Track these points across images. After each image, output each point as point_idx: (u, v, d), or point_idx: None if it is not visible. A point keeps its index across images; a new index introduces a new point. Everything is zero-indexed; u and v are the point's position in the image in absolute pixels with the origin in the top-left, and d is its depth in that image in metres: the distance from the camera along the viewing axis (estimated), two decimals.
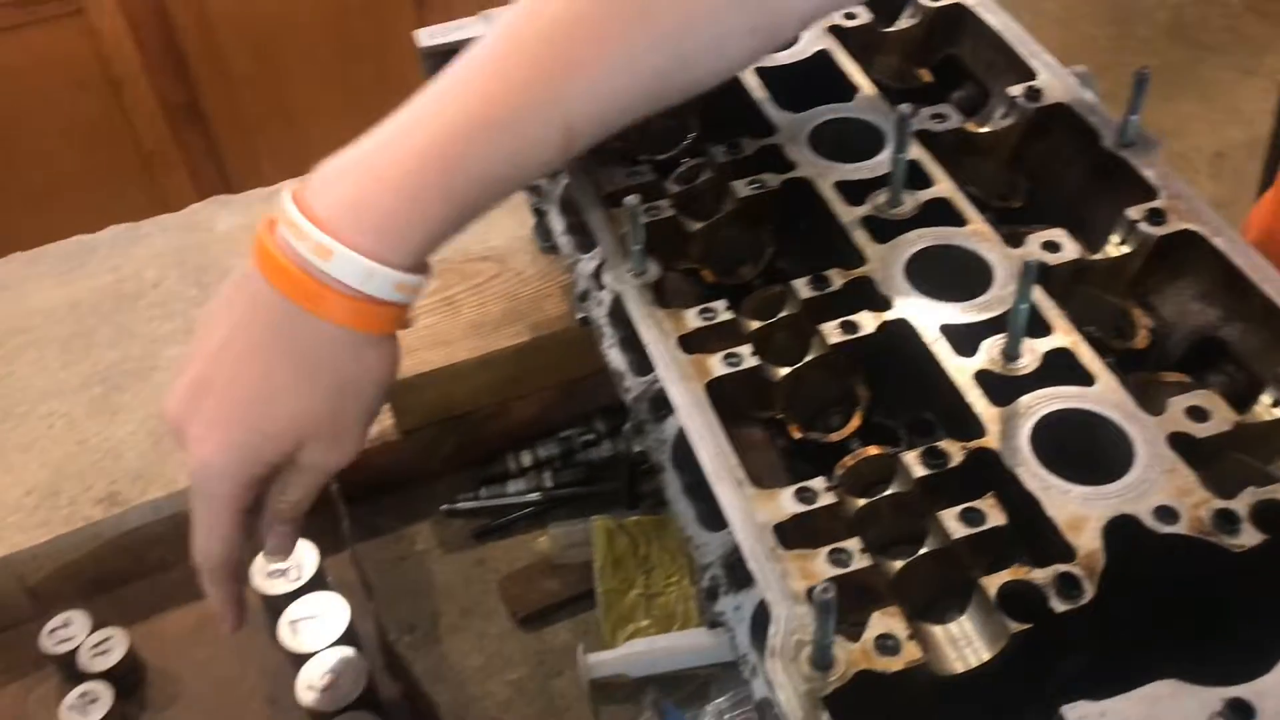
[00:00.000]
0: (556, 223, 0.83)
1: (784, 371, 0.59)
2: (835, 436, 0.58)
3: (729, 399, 0.58)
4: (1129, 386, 0.55)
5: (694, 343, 0.60)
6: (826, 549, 0.49)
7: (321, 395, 0.56)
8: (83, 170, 2.19)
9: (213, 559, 0.61)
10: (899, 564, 0.50)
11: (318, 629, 0.78)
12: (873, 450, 0.56)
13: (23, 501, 0.93)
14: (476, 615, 0.83)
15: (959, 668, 0.47)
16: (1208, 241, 0.60)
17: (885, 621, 0.47)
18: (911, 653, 0.46)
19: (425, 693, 0.70)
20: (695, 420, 0.56)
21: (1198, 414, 0.53)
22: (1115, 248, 0.62)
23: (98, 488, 0.93)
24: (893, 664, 0.46)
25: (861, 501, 0.53)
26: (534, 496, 0.87)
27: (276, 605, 0.80)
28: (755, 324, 0.62)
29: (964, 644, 0.48)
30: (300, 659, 0.77)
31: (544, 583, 0.83)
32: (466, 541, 0.87)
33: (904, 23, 0.80)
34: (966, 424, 0.54)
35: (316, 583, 0.82)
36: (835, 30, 0.78)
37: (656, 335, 0.60)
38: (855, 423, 0.59)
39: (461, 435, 0.89)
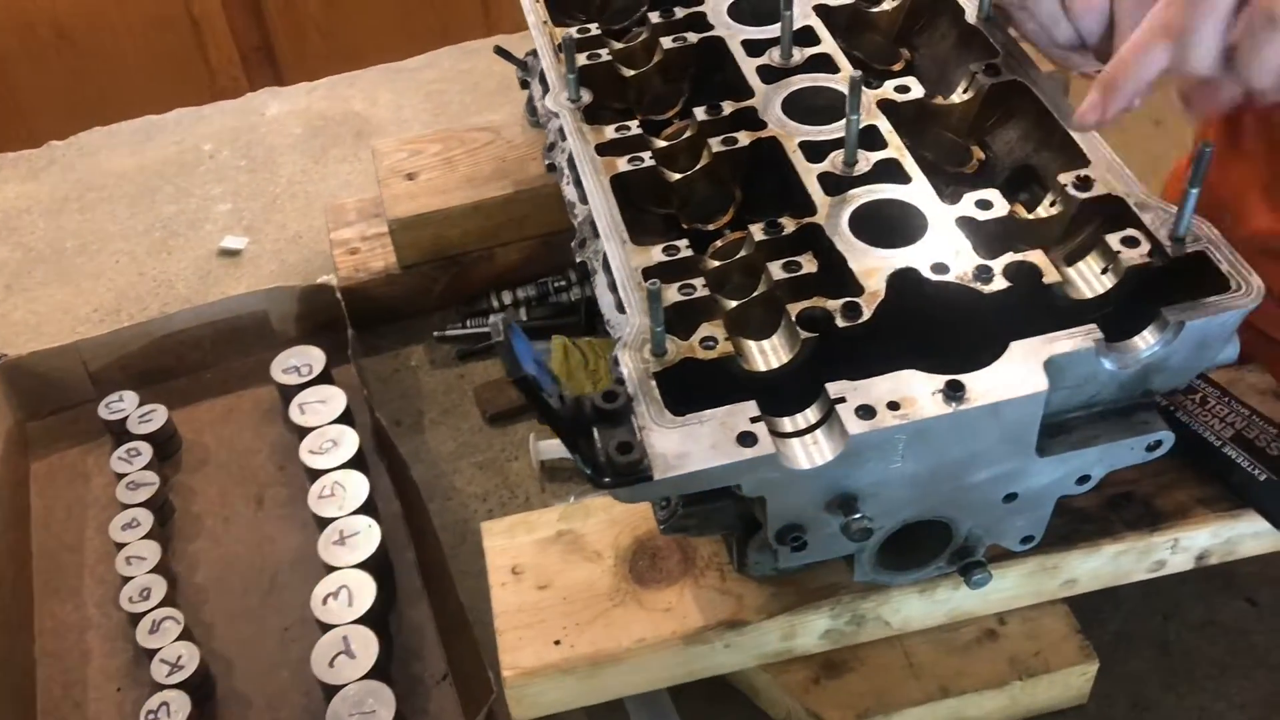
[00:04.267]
0: (536, 90, 0.99)
1: (677, 176, 0.74)
2: (712, 226, 0.74)
3: (633, 192, 0.73)
4: (942, 191, 0.69)
5: (607, 150, 0.75)
6: (677, 284, 0.65)
7: None
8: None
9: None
10: (735, 302, 0.66)
11: (321, 410, 0.95)
12: (736, 234, 0.71)
13: (90, 315, 1.11)
14: (454, 414, 0.99)
15: (762, 367, 0.62)
16: (1030, 89, 0.75)
17: (710, 328, 0.62)
18: (725, 348, 0.61)
19: (403, 460, 0.86)
20: (599, 200, 0.71)
21: (983, 204, 0.67)
22: (959, 93, 0.77)
23: (152, 309, 1.11)
24: (710, 355, 0.61)
25: (715, 263, 0.68)
26: None
27: (289, 394, 0.98)
28: (661, 143, 0.77)
29: (770, 353, 0.63)
30: (305, 431, 0.94)
31: (511, 391, 0.99)
32: (452, 361, 1.03)
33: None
34: (806, 209, 0.69)
35: (322, 380, 0.99)
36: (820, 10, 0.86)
37: (580, 142, 0.76)
38: (728, 217, 0.74)
39: (453, 275, 1.05)
